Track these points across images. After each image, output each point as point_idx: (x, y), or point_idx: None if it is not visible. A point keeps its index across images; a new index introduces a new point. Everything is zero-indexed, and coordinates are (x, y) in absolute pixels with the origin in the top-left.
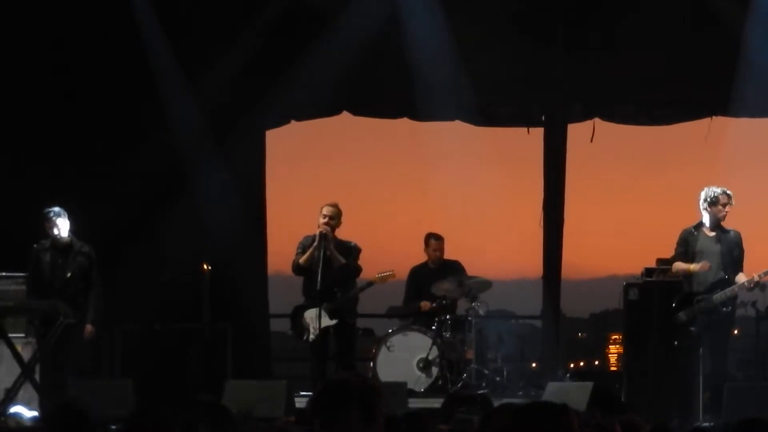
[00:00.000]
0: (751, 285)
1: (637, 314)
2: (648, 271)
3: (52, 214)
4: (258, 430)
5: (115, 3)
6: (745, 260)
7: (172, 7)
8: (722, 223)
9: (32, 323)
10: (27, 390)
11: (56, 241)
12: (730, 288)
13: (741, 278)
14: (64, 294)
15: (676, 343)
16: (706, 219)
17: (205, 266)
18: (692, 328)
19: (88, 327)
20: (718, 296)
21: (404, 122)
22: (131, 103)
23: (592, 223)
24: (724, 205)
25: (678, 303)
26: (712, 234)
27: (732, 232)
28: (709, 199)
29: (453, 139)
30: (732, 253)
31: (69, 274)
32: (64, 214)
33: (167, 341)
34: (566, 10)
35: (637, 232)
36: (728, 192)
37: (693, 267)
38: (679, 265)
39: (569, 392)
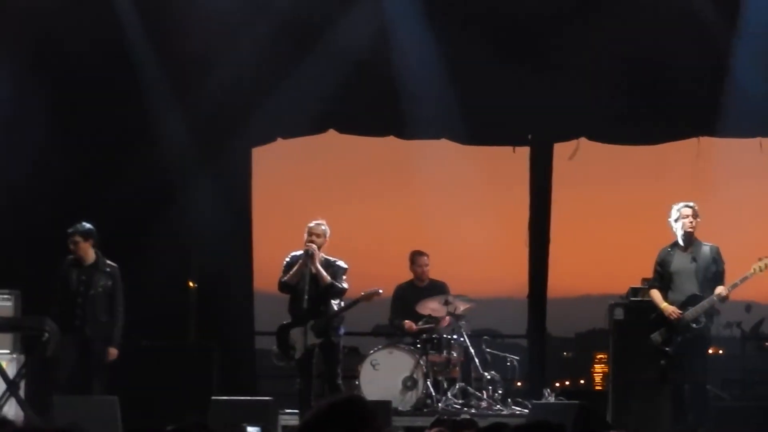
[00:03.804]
0: (720, 299)
1: (622, 334)
2: (633, 291)
3: (73, 235)
4: None
5: (104, 19)
6: (728, 274)
7: (162, 24)
8: (699, 239)
9: (24, 339)
10: (11, 407)
11: (80, 258)
12: (700, 304)
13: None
14: (87, 311)
15: (662, 362)
16: (678, 237)
17: (191, 284)
18: (667, 349)
19: (112, 350)
20: (689, 313)
21: (391, 140)
22: (119, 119)
23: (578, 242)
24: (687, 217)
25: (651, 324)
26: (688, 251)
27: (708, 247)
28: (674, 215)
29: (439, 157)
30: (708, 269)
31: (91, 293)
32: (83, 233)
33: (153, 358)
34: (552, 32)
35: (623, 251)
36: (690, 204)
37: (664, 307)
38: (654, 296)
39: (554, 412)
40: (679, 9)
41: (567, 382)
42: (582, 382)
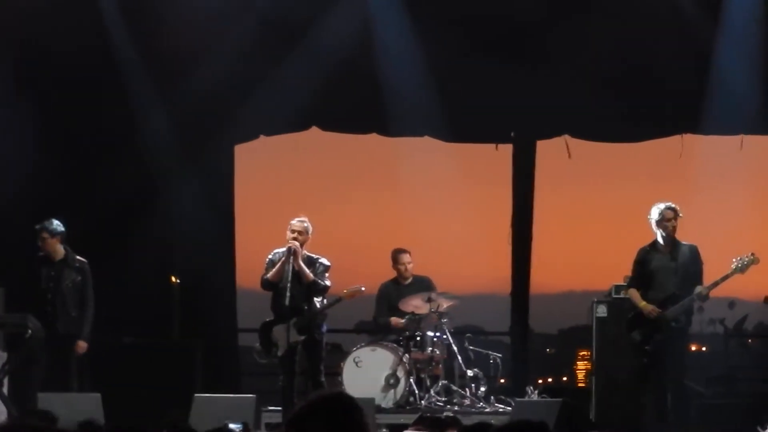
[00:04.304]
0: (701, 297)
1: (605, 331)
2: (617, 288)
3: (40, 232)
4: None
5: (87, 18)
6: (707, 273)
7: (144, 22)
8: (678, 238)
9: (7, 336)
10: None
11: (50, 254)
12: (680, 303)
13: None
14: (57, 307)
15: (645, 360)
16: (659, 236)
17: (173, 279)
18: (647, 347)
19: (81, 343)
20: (669, 312)
21: (373, 138)
22: (102, 116)
23: (561, 239)
24: (670, 220)
25: (630, 322)
26: (667, 251)
27: (687, 247)
28: (656, 217)
29: (422, 155)
30: (687, 269)
31: (61, 287)
32: (51, 230)
33: (136, 355)
34: (535, 29)
35: (605, 248)
36: (672, 206)
37: (643, 306)
38: (633, 296)
39: (538, 410)
40: (662, 7)
41: (550, 379)
42: (565, 378)
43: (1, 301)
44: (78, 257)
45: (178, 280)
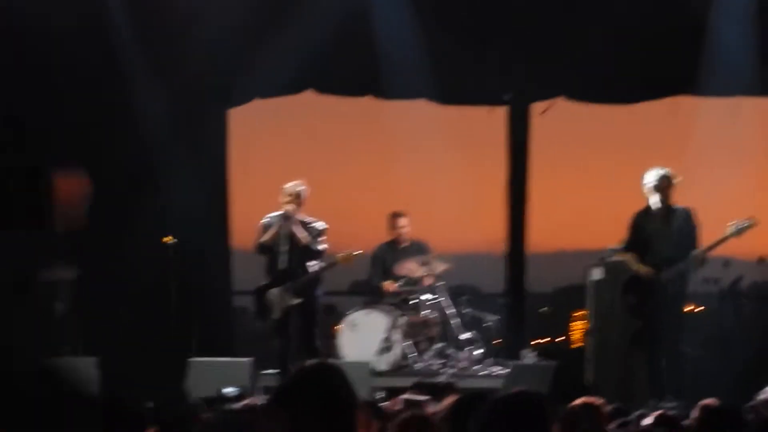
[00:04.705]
0: (698, 261)
1: (600, 294)
2: (612, 251)
3: None
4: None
5: None
6: (705, 235)
7: None
8: (671, 202)
9: None
10: None
11: None
12: (675, 266)
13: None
14: None
15: (640, 323)
16: (653, 201)
17: (168, 238)
18: (642, 310)
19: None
20: (664, 275)
21: (369, 101)
22: (94, 81)
23: (556, 200)
24: (666, 187)
25: (625, 285)
26: (662, 214)
27: (681, 210)
28: (651, 183)
29: (418, 117)
30: (682, 232)
31: None
32: None
33: (130, 318)
34: None
35: (601, 208)
36: (668, 174)
37: (638, 268)
38: (628, 260)
39: (533, 373)
40: None
41: (545, 339)
42: (560, 339)
43: None
44: None
45: (173, 239)
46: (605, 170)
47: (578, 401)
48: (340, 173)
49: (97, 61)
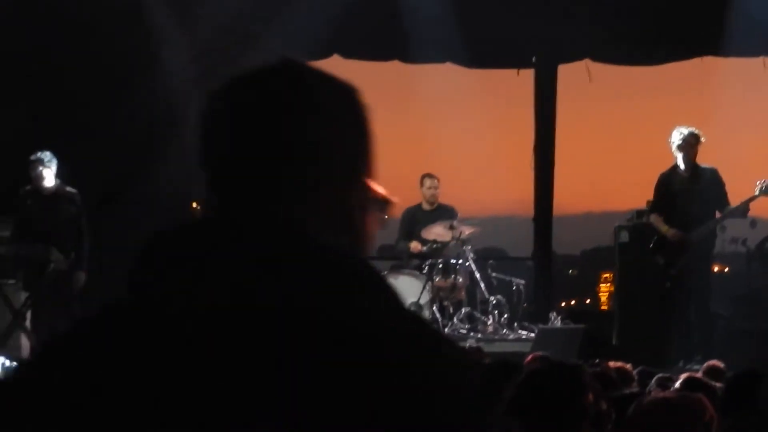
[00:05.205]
0: (739, 211)
1: (627, 257)
2: (639, 214)
3: (37, 161)
4: None
5: None
6: (732, 194)
7: None
8: (699, 161)
9: (20, 269)
10: (14, 338)
11: (41, 187)
12: (704, 225)
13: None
14: (54, 240)
15: (668, 284)
16: (679, 161)
17: (194, 205)
18: (671, 271)
19: (81, 274)
20: (693, 235)
21: (395, 65)
22: (120, 47)
23: (584, 161)
24: (693, 145)
25: (653, 246)
26: (688, 175)
27: (708, 170)
28: (678, 142)
29: (444, 81)
30: (709, 191)
31: (57, 221)
32: (50, 161)
33: None
34: None
35: (627, 169)
36: (694, 131)
37: (666, 230)
38: (655, 221)
39: (560, 337)
40: None
41: (573, 302)
42: (588, 301)
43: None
44: (70, 189)
45: (200, 207)
46: (632, 131)
47: (609, 364)
48: None
49: (121, 23)
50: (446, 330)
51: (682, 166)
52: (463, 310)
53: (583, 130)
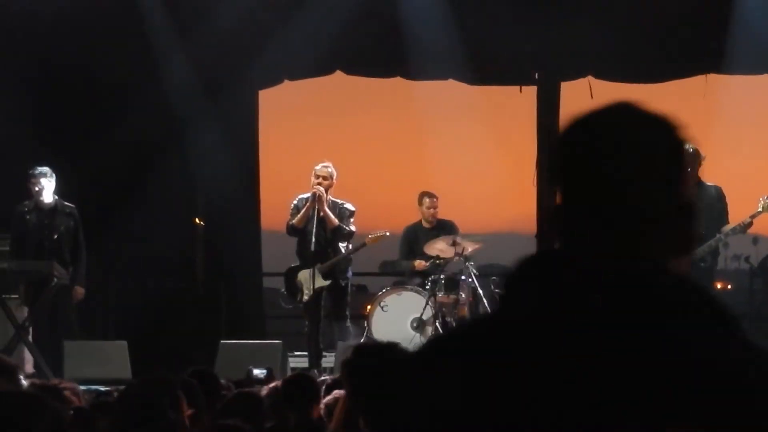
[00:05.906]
0: (741, 228)
1: None
2: None
3: (37, 175)
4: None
5: None
6: (733, 214)
7: None
8: (702, 179)
9: (22, 284)
10: (17, 353)
11: (40, 202)
12: (706, 243)
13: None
14: (52, 254)
15: None
16: None
17: (197, 221)
18: None
19: (80, 289)
20: (697, 252)
21: (398, 81)
22: (124, 58)
23: None
24: (695, 163)
25: None
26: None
27: (711, 188)
28: None
29: (447, 98)
30: (712, 209)
31: (56, 235)
32: (51, 175)
33: (160, 300)
34: None
35: None
36: (696, 150)
37: None
38: None
39: None
40: None
41: None
42: None
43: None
44: (67, 204)
45: (202, 222)
46: None
47: None
48: (369, 154)
49: (125, 33)
50: None
51: None
52: None
53: None
